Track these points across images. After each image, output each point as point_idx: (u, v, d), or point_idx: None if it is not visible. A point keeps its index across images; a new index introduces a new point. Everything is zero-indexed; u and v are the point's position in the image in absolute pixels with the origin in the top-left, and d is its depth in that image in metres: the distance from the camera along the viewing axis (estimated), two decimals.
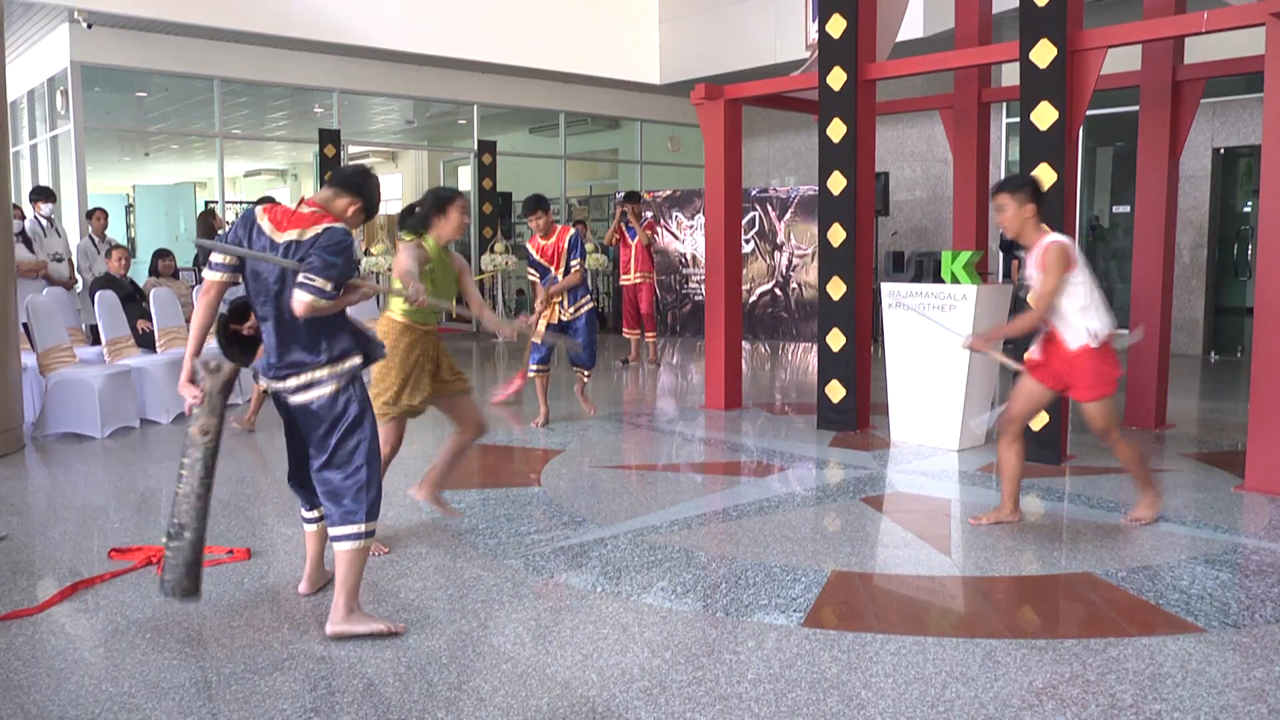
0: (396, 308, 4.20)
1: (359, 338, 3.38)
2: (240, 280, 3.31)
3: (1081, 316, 4.38)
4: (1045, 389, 4.56)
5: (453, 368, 4.31)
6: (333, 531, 3.28)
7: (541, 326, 6.91)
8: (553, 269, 6.90)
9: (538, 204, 6.91)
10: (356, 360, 3.32)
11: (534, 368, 7.11)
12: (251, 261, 3.25)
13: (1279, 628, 3.38)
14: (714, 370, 7.85)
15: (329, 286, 3.12)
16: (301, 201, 3.32)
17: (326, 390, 3.24)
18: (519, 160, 16.06)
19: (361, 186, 3.40)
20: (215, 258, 3.29)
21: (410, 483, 4.94)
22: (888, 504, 5.13)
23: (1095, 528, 4.60)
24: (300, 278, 3.11)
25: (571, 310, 7.01)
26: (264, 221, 3.25)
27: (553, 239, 6.89)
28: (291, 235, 3.21)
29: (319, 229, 3.21)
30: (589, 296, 7.13)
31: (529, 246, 7.06)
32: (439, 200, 4.19)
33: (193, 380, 3.22)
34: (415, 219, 4.18)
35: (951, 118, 7.76)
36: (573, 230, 6.99)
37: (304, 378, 3.24)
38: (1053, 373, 4.50)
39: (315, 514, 3.63)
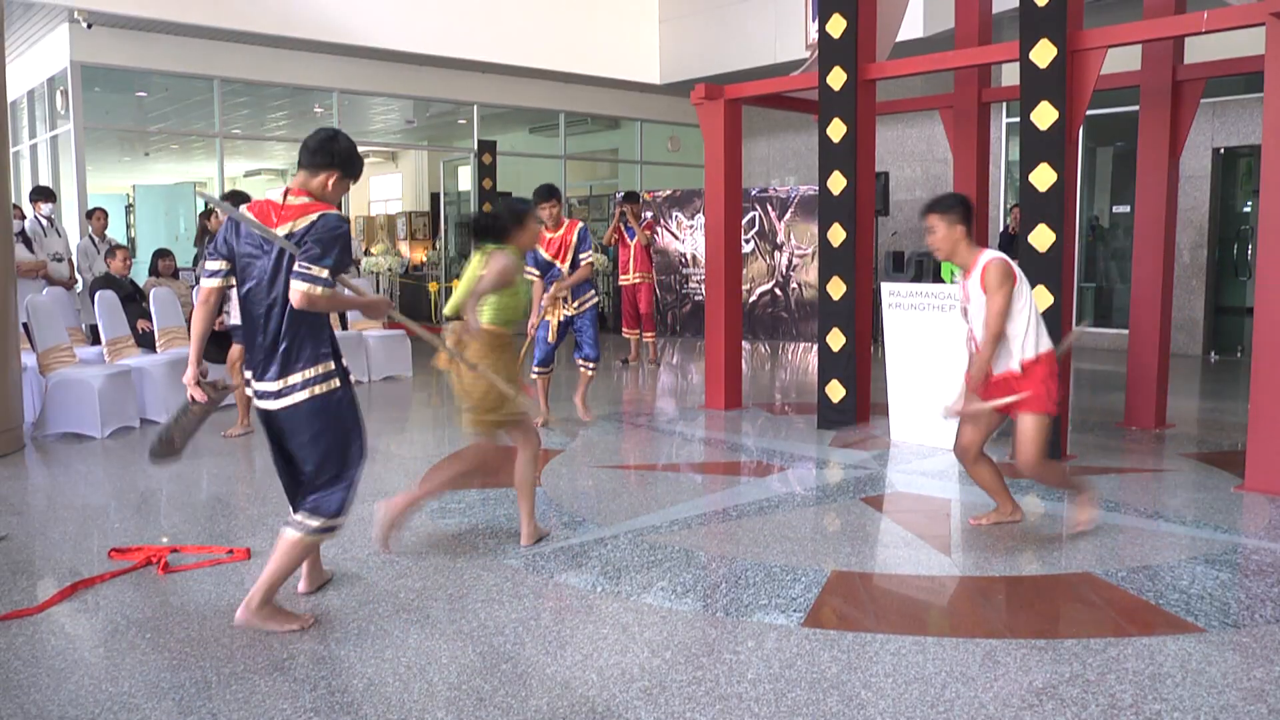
0: (487, 318, 4.20)
1: (338, 353, 3.38)
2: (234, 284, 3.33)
3: (1028, 334, 4.28)
4: (994, 413, 4.46)
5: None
6: (292, 515, 3.35)
7: (553, 323, 6.84)
8: (558, 263, 6.80)
9: (550, 192, 6.78)
10: (333, 367, 3.30)
11: (535, 370, 7.07)
12: (242, 263, 3.25)
13: (1279, 628, 3.38)
14: (714, 370, 7.85)
15: (325, 274, 3.10)
16: (286, 192, 3.28)
17: (309, 393, 3.25)
18: (519, 160, 16.05)
19: (332, 153, 3.29)
20: (211, 264, 3.30)
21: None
22: (888, 504, 5.13)
23: (1095, 527, 4.60)
24: (296, 266, 3.10)
25: (575, 306, 6.91)
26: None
27: (560, 231, 6.80)
28: (284, 229, 3.19)
29: (312, 217, 3.18)
30: (594, 291, 7.06)
31: (537, 247, 6.86)
32: (517, 214, 4.24)
33: (198, 383, 3.31)
34: (497, 230, 4.21)
35: (951, 118, 7.76)
36: (581, 223, 6.89)
37: (291, 380, 3.24)
38: (1002, 388, 4.40)
39: None
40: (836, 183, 6.79)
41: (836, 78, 6.74)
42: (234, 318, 6.55)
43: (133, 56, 11.67)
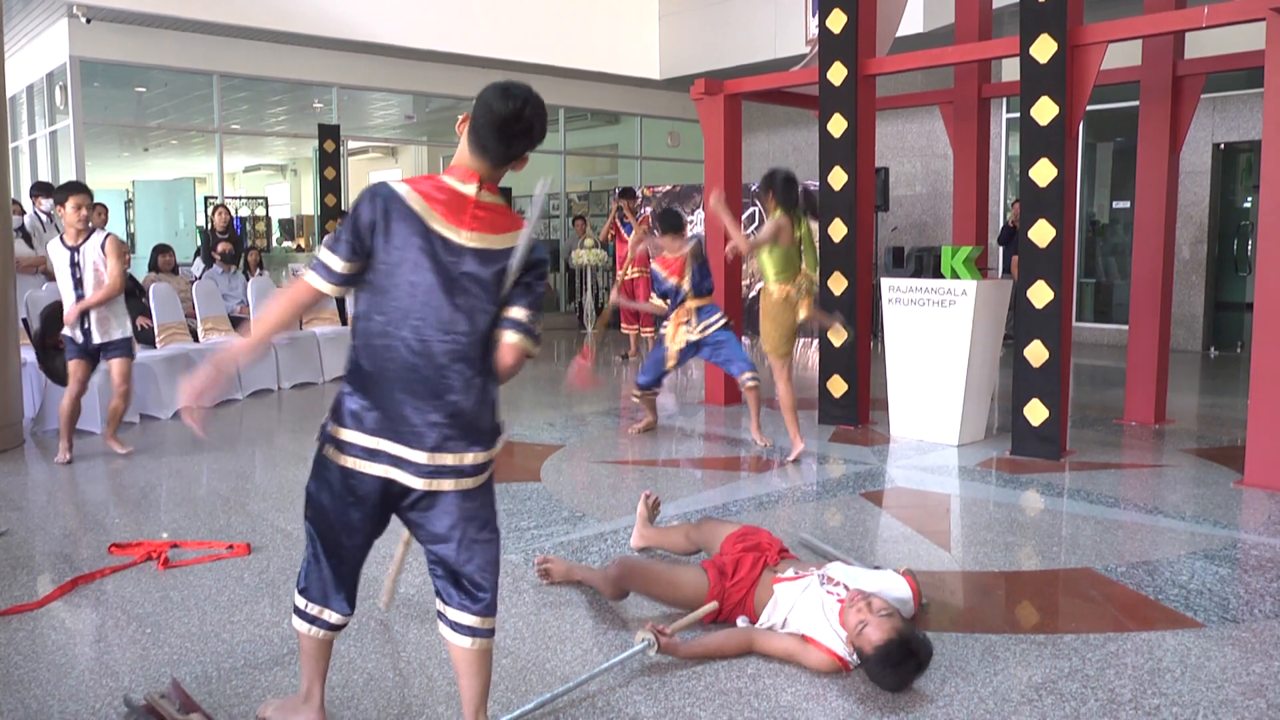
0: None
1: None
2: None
3: None
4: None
5: None
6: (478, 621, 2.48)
7: (672, 350, 6.30)
8: (677, 280, 6.23)
9: (678, 222, 6.18)
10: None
11: (640, 388, 6.55)
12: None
13: (1278, 623, 3.39)
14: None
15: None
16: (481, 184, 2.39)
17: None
18: None
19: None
20: (337, 265, 2.31)
21: None
22: (888, 499, 5.13)
23: (1094, 523, 4.61)
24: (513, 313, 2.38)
25: (700, 330, 6.24)
26: (435, 216, 2.31)
27: (680, 252, 6.29)
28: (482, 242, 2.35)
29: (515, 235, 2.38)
30: (721, 315, 6.32)
31: (656, 266, 6.39)
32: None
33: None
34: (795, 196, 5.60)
35: (951, 113, 7.75)
36: (697, 242, 6.39)
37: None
38: None
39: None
40: (837, 178, 6.78)
41: (837, 73, 6.73)
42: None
43: (132, 52, 11.66)
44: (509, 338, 2.34)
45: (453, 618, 2.44)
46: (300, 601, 2.52)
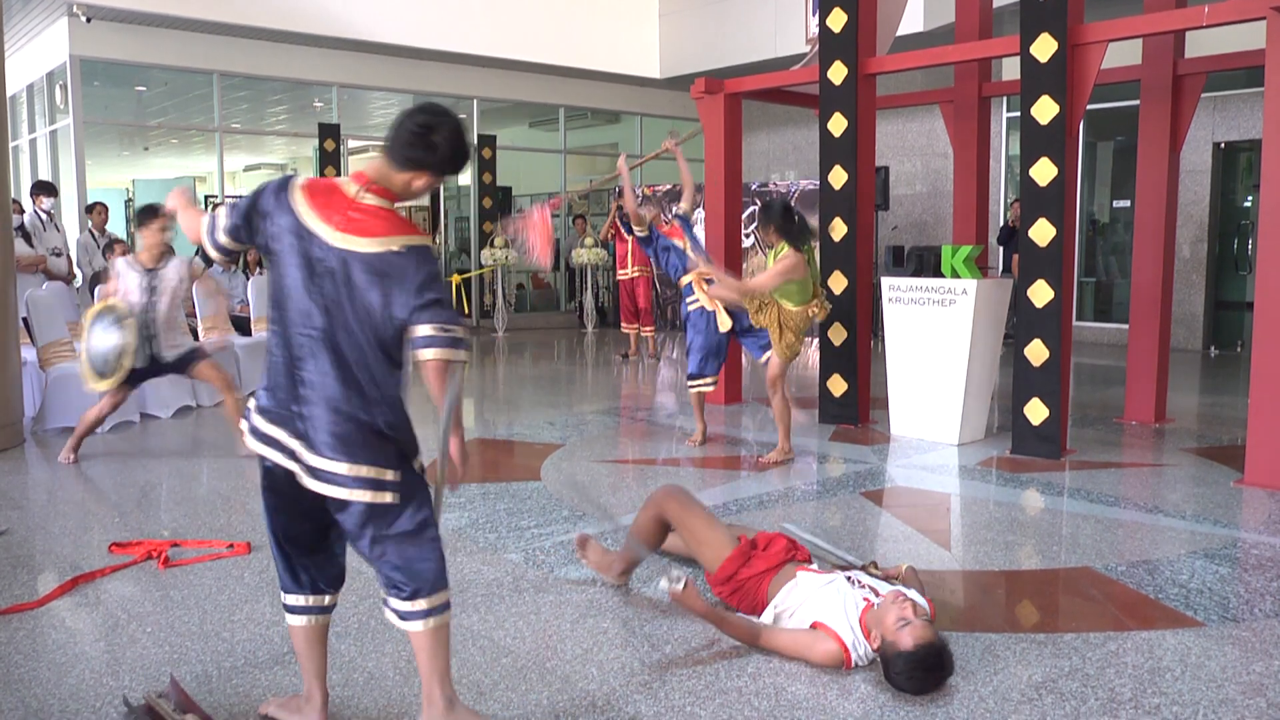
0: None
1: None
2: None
3: None
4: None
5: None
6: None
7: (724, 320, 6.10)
8: (680, 241, 6.47)
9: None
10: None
11: (704, 379, 6.22)
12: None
13: (1278, 622, 3.39)
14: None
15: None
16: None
17: None
18: (519, 155, 16.04)
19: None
20: (221, 230, 2.55)
21: None
22: (888, 498, 5.13)
23: (1095, 522, 4.61)
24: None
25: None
26: (310, 213, 2.38)
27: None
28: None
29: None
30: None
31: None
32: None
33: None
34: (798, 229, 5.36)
35: (952, 112, 7.75)
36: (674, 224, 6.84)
37: None
38: None
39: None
40: (837, 177, 6.78)
41: (837, 72, 6.73)
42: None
43: (132, 51, 11.67)
44: (423, 356, 2.32)
45: (391, 605, 2.47)
46: (281, 592, 2.60)
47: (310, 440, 2.34)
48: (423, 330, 2.31)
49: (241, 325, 8.94)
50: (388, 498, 2.36)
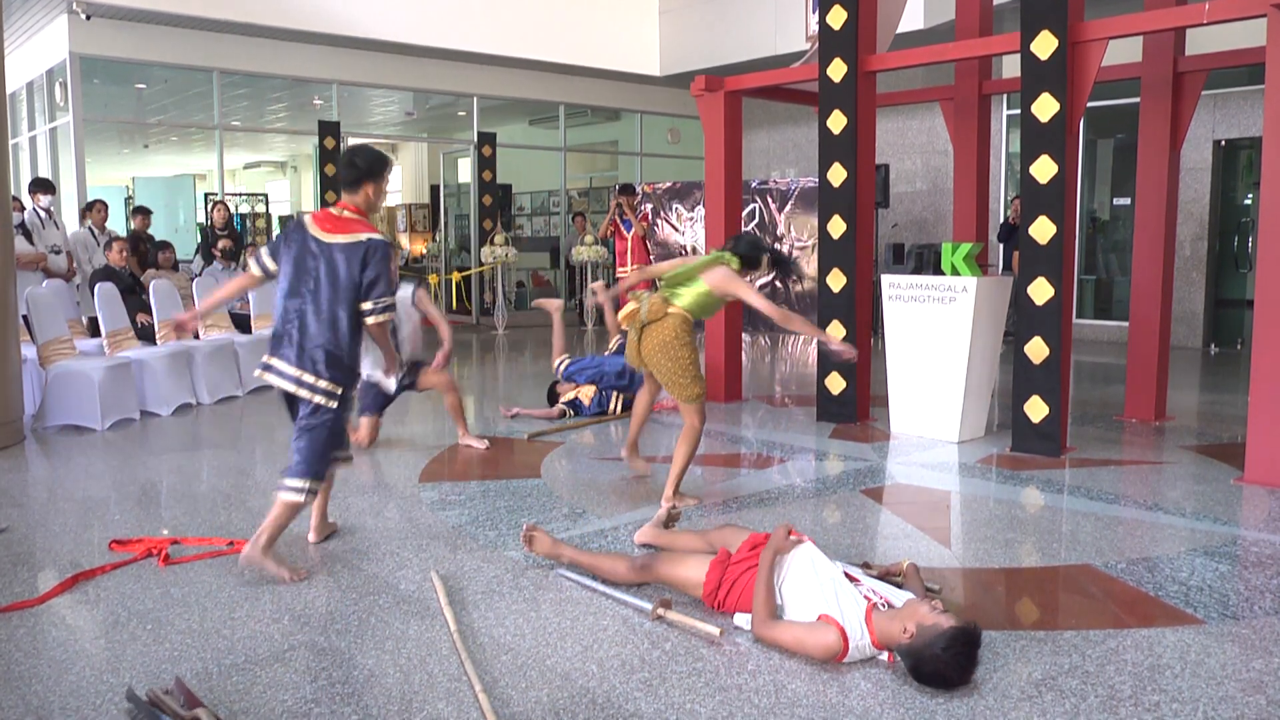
0: (685, 304, 4.69)
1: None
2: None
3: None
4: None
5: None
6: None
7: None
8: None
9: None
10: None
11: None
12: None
13: (1278, 619, 3.39)
14: (714, 362, 7.85)
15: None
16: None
17: None
18: (519, 152, 16.03)
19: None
20: (268, 261, 4.00)
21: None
22: (887, 496, 5.13)
23: (1095, 519, 4.61)
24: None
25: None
26: (314, 226, 3.91)
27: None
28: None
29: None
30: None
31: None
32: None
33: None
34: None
35: (952, 109, 7.75)
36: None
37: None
38: None
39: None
40: (837, 175, 6.78)
41: (837, 69, 6.72)
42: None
43: (132, 48, 11.66)
44: (368, 321, 3.84)
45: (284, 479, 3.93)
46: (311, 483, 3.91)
47: (292, 359, 3.82)
48: (367, 304, 3.82)
49: (242, 323, 8.94)
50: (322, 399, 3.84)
